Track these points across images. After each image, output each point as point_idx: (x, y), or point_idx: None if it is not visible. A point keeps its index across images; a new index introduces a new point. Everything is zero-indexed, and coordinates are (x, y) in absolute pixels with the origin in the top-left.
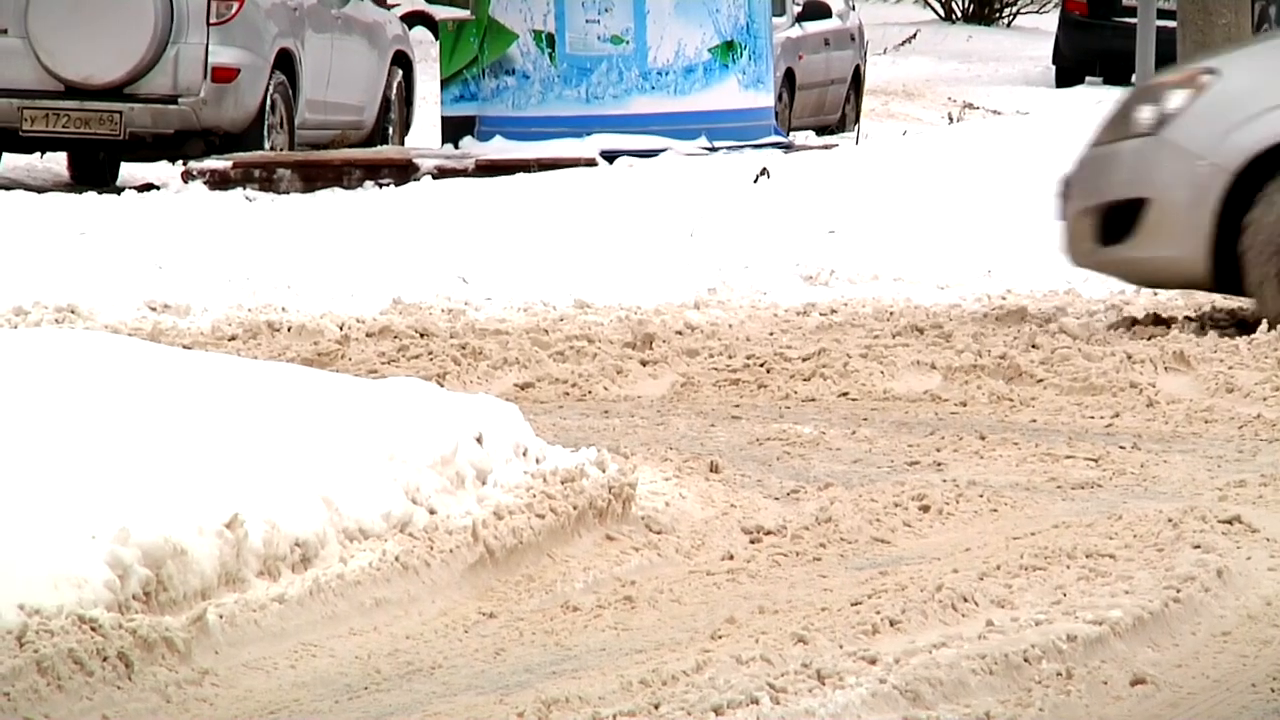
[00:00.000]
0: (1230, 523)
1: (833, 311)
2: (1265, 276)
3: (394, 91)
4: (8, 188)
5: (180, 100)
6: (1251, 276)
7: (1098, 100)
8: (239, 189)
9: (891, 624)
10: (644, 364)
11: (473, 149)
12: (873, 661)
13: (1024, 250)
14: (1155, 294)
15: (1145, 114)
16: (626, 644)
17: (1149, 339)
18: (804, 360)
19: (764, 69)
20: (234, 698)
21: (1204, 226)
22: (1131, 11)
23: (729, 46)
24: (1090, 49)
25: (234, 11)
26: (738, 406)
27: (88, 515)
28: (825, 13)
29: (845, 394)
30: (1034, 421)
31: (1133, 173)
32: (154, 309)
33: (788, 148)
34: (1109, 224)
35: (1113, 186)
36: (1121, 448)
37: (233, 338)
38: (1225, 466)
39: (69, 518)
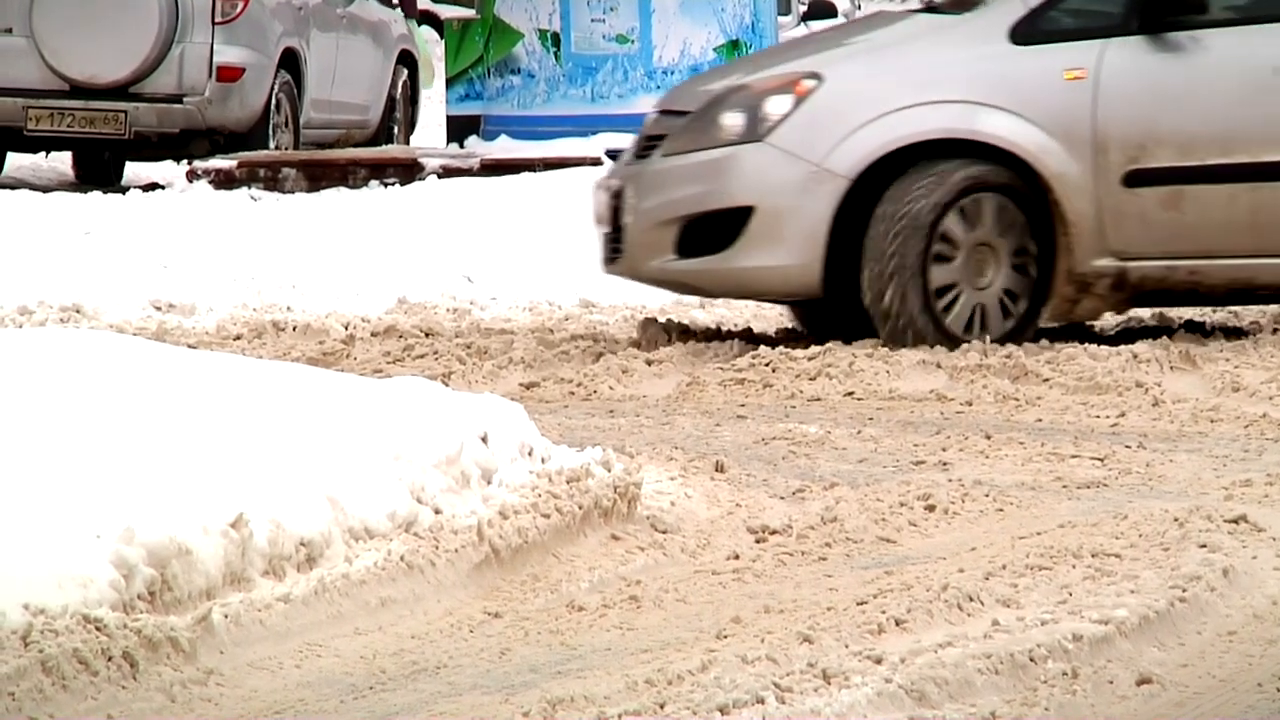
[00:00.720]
0: (1236, 522)
1: None
2: (878, 294)
3: (399, 91)
4: (13, 187)
5: (185, 100)
6: (866, 294)
7: None
8: (244, 188)
9: (897, 623)
10: (649, 363)
11: (478, 148)
12: (878, 661)
13: None
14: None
15: (737, 120)
16: (632, 643)
17: (1155, 338)
18: (810, 360)
19: None
20: (239, 697)
21: (818, 235)
22: None
23: (734, 45)
24: None
25: (239, 11)
26: (743, 406)
27: (92, 514)
28: (831, 12)
29: (851, 393)
30: (1040, 421)
31: (733, 181)
32: (159, 308)
33: None
34: (695, 235)
35: (705, 196)
36: (1127, 447)
37: (238, 337)
38: (1231, 466)
39: (74, 517)
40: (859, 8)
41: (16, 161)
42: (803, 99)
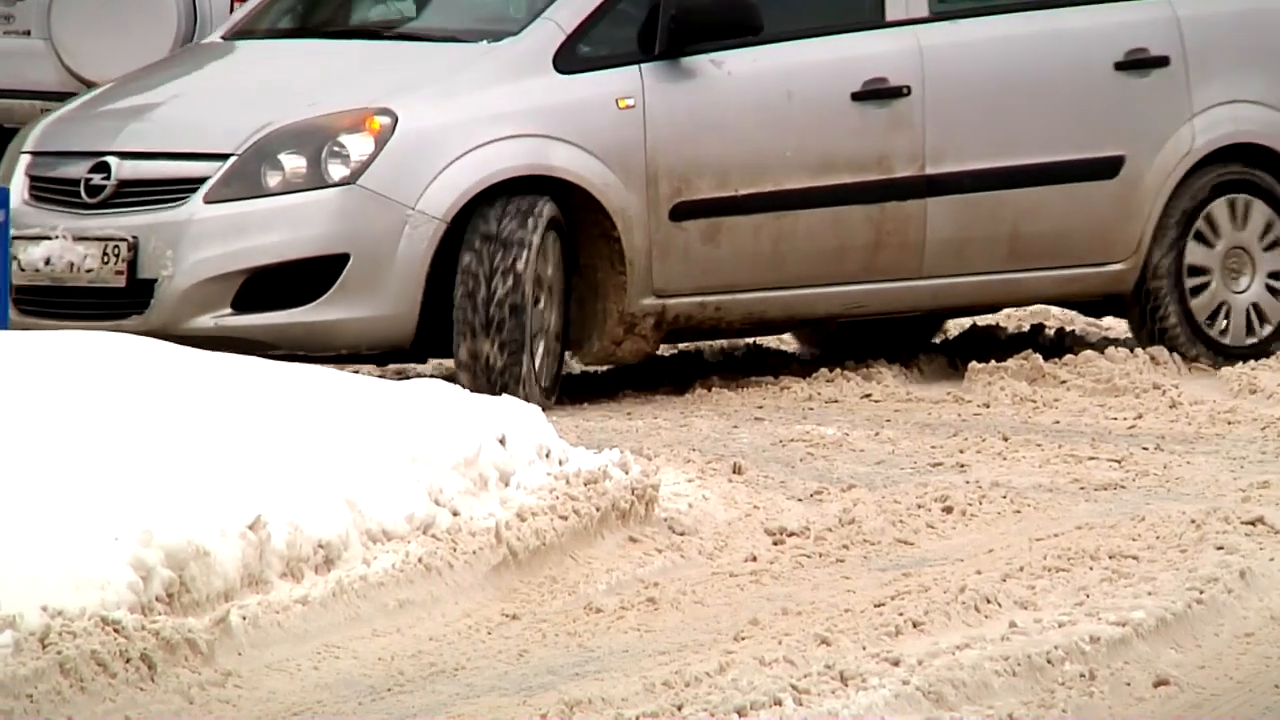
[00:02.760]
0: (1253, 524)
1: None
2: (463, 346)
3: None
4: None
5: None
6: (456, 344)
7: None
8: None
9: (914, 625)
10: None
11: None
12: (896, 663)
13: None
14: None
15: (300, 163)
16: (649, 645)
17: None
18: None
19: None
20: (257, 699)
21: (416, 281)
22: None
23: None
24: None
25: None
26: (761, 408)
27: (111, 517)
28: None
29: (868, 395)
30: (1057, 423)
31: (322, 227)
32: None
33: None
34: (261, 288)
35: (283, 245)
36: (1145, 449)
37: None
38: (1248, 468)
39: (92, 519)
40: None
41: None
42: (382, 137)
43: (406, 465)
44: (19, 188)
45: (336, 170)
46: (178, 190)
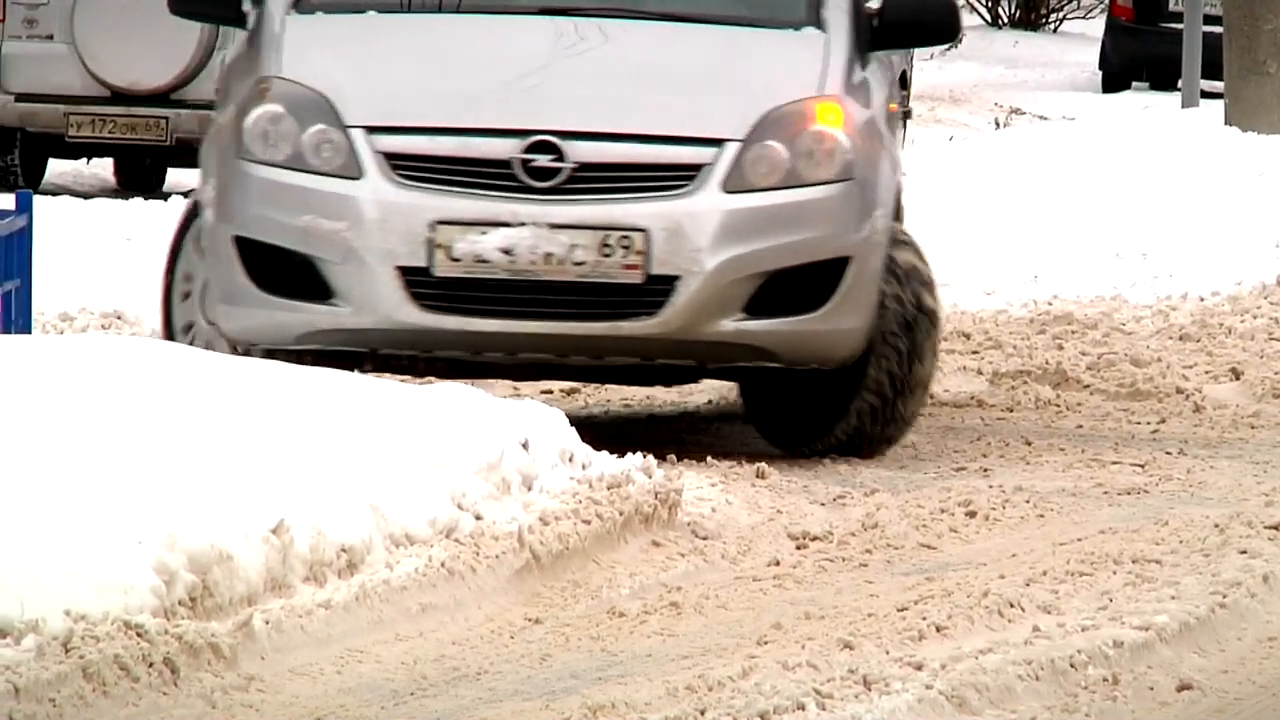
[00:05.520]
0: (1277, 528)
1: None
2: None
3: None
4: (54, 194)
5: None
6: None
7: (1144, 106)
8: None
9: (938, 630)
10: None
11: None
12: (919, 667)
13: (1070, 256)
14: (1202, 300)
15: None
16: (673, 650)
17: (1196, 343)
18: None
19: None
20: (280, 703)
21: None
22: (1178, 17)
23: None
24: (1137, 54)
25: None
26: None
27: (134, 521)
28: None
29: None
30: (1080, 427)
31: (833, 225)
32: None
33: None
34: (776, 291)
35: (806, 243)
36: (1168, 453)
37: None
38: (1272, 472)
39: (115, 524)
40: None
41: (58, 168)
42: (849, 129)
43: (429, 469)
44: (371, 168)
45: (828, 165)
46: (672, 178)
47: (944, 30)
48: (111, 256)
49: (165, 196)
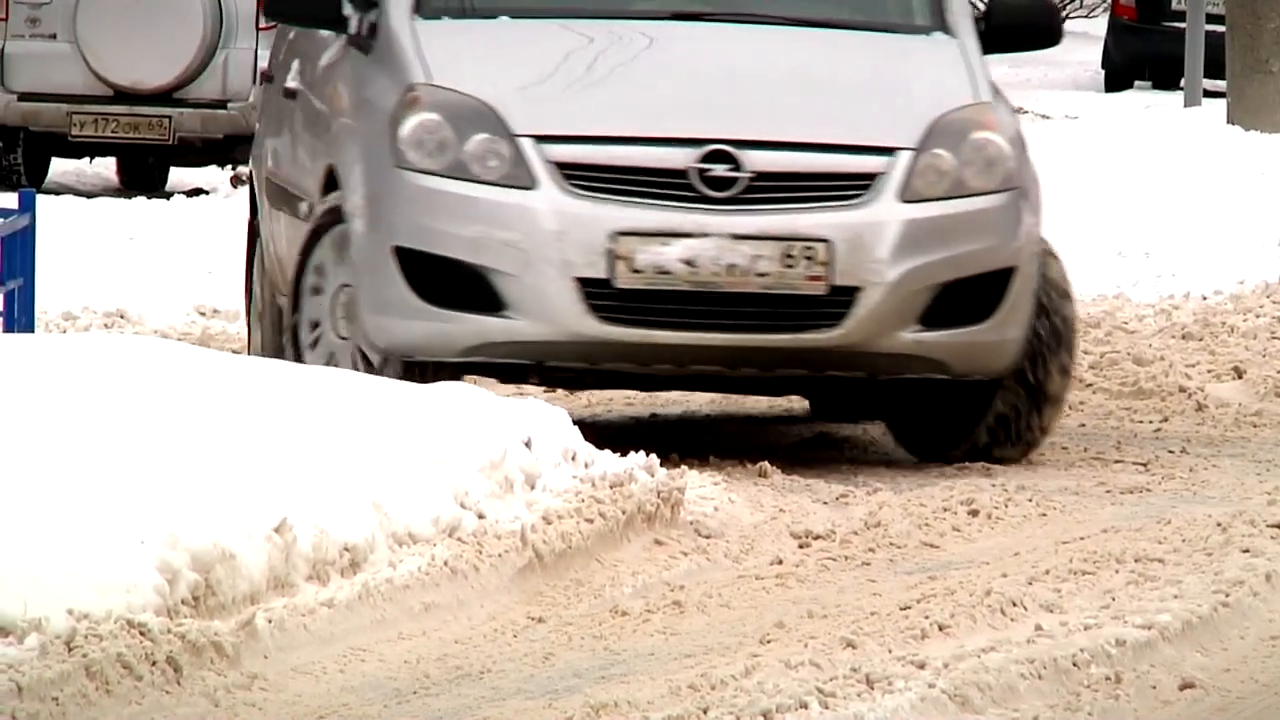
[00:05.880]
0: (1279, 527)
1: None
2: None
3: None
4: (57, 193)
5: (229, 105)
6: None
7: (1147, 105)
8: None
9: (940, 628)
10: None
11: None
12: (921, 666)
13: (1073, 254)
14: (1204, 298)
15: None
16: (675, 649)
17: (1199, 342)
18: None
19: None
20: (283, 702)
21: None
22: (1181, 16)
23: None
24: (1139, 53)
25: None
26: (788, 411)
27: (136, 520)
28: None
29: None
30: (1083, 426)
31: (1001, 236)
32: (203, 314)
33: None
34: (949, 301)
35: (981, 253)
36: (1171, 452)
37: None
38: (1274, 470)
39: (118, 522)
40: None
41: (61, 167)
42: (1005, 136)
43: (432, 468)
44: (545, 178)
45: (993, 174)
46: (849, 187)
47: (1048, 34)
48: (114, 256)
49: (168, 195)
